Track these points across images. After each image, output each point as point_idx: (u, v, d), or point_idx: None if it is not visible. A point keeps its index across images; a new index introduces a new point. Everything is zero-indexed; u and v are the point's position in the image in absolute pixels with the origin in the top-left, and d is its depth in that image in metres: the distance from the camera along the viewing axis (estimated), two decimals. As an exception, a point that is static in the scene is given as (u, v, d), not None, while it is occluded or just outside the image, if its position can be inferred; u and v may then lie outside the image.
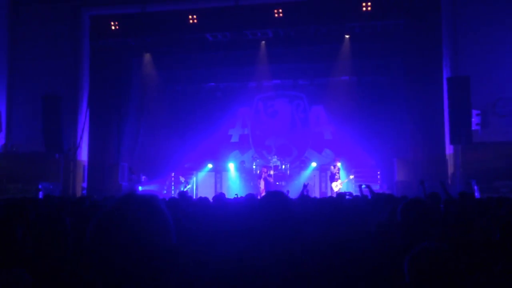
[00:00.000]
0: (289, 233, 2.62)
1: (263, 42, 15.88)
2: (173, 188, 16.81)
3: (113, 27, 15.20)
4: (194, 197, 13.84)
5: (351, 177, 15.42)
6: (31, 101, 14.68)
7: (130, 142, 16.88)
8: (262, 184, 15.29)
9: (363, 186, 7.97)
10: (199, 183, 17.30)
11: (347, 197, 6.97)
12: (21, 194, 11.62)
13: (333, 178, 14.97)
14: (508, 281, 2.58)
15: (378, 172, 15.83)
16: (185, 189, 15.33)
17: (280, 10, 14.39)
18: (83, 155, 15.36)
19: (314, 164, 16.79)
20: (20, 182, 12.52)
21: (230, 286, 2.43)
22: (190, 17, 14.73)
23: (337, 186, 14.73)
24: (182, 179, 16.33)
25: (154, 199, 1.42)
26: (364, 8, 13.96)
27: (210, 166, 17.36)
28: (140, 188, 15.99)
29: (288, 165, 16.85)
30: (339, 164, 15.26)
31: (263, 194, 13.76)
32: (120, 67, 16.41)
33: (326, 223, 3.86)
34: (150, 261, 1.32)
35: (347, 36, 15.28)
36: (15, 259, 2.66)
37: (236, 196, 9.94)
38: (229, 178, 17.09)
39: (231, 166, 17.28)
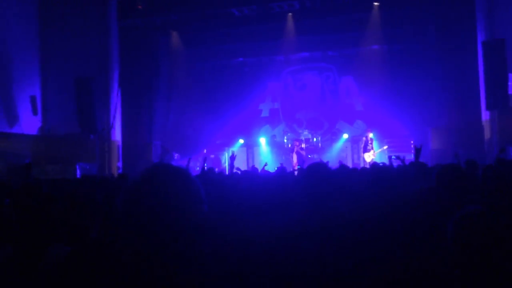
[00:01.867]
0: (333, 203, 2.62)
1: (290, 14, 15.64)
2: (205, 165, 16.97)
3: (139, 7, 15.26)
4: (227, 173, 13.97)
5: (385, 147, 15.22)
6: (64, 83, 14.93)
7: (162, 120, 17.09)
8: (294, 158, 15.27)
9: (393, 157, 7.88)
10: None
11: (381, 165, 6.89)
12: (60, 175, 11.96)
13: (365, 149, 14.82)
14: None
15: (412, 142, 15.58)
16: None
17: (306, -19, 14.12)
18: (117, 135, 15.64)
19: (345, 136, 16.66)
20: (59, 164, 12.85)
21: (267, 256, 2.46)
22: (215, -8, 14.64)
23: (369, 157, 14.59)
24: (212, 156, 16.47)
25: (183, 168, 1.42)
26: (393, -26, 13.56)
27: (241, 141, 17.44)
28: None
29: (319, 138, 16.77)
30: (371, 135, 15.07)
31: (296, 167, 13.77)
32: (148, 46, 16.50)
33: (363, 193, 3.85)
34: (182, 229, 1.31)
35: (376, 4, 14.88)
36: (58, 234, 2.75)
37: (265, 164, 9.91)
38: (261, 153, 17.14)
39: (262, 140, 17.31)
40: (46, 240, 2.57)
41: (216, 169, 13.77)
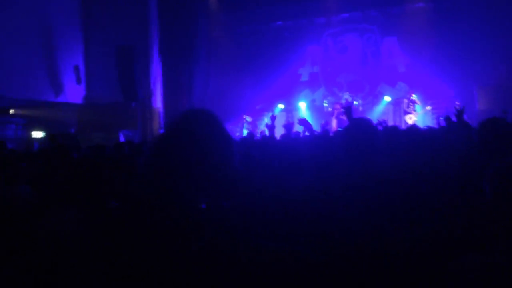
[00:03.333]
0: (374, 162, 2.57)
1: (329, -27, 15.21)
2: (245, 129, 17.05)
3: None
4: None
5: (428, 108, 14.79)
6: (106, 52, 15.17)
7: (202, 86, 17.16)
8: (334, 122, 15.09)
9: (441, 118, 7.69)
10: (271, 124, 17.40)
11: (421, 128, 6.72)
12: (104, 142, 12.30)
13: (407, 111, 14.46)
14: None
15: (457, 103, 15.05)
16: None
17: None
18: (158, 102, 15.87)
19: (387, 99, 16.26)
20: (102, 131, 13.21)
21: (305, 213, 2.45)
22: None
23: (411, 119, 14.24)
24: (248, 118, 16.46)
25: (216, 116, 1.34)
26: None
27: (281, 106, 17.35)
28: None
29: (360, 101, 16.45)
30: (414, 97, 14.66)
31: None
32: (187, 11, 16.43)
33: (404, 152, 3.77)
34: (211, 181, 1.24)
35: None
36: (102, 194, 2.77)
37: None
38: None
39: (302, 105, 17.17)
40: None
41: (258, 133, 13.81)
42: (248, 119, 16.57)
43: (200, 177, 1.24)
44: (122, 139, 13.19)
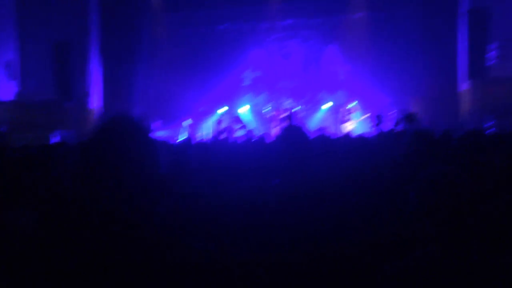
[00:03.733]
0: (306, 168, 2.59)
1: (275, -21, 15.38)
2: (184, 133, 16.88)
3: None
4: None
5: (366, 116, 15.26)
6: (42, 49, 14.57)
7: (143, 88, 16.81)
8: (276, 127, 15.25)
9: (376, 125, 7.94)
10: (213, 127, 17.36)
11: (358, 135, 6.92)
12: (36, 142, 11.78)
13: (346, 119, 14.86)
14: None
15: (394, 111, 15.62)
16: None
17: None
18: (96, 102, 15.39)
19: (328, 105, 16.64)
20: (36, 130, 12.66)
21: (233, 221, 2.43)
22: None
23: (349, 126, 14.64)
24: (189, 121, 16.29)
25: (139, 123, 1.37)
26: None
27: (224, 109, 17.33)
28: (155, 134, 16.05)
29: (302, 107, 16.73)
30: (353, 104, 15.08)
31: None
32: (128, 10, 16.04)
33: (338, 160, 3.84)
34: (137, 187, 1.28)
35: (361, -29, 14.72)
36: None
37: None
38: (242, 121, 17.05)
39: (245, 109, 17.23)
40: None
41: (197, 137, 13.72)
42: (188, 122, 16.36)
43: (122, 183, 1.27)
44: (56, 139, 12.69)
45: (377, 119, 4.88)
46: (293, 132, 2.70)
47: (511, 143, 5.38)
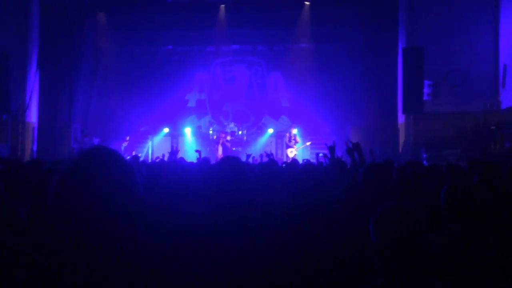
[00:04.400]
0: (244, 198, 2.63)
1: (223, 5, 15.61)
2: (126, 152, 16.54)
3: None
4: (149, 161, 13.71)
5: (308, 143, 15.64)
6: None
7: (83, 104, 16.31)
8: (220, 150, 15.30)
9: (320, 154, 8.10)
10: (155, 148, 17.14)
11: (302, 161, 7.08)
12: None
13: (289, 145, 15.16)
14: (455, 242, 2.71)
15: (334, 140, 16.09)
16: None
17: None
18: (33, 116, 14.78)
19: (270, 131, 16.93)
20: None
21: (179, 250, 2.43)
22: (147, -24, 14.23)
23: (292, 152, 14.93)
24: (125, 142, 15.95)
25: (118, 153, 1.36)
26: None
27: (166, 130, 17.20)
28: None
29: (245, 131, 16.92)
30: (295, 131, 15.44)
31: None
32: (72, 26, 15.57)
33: (283, 188, 3.90)
34: (119, 217, 1.26)
35: (307, 3, 15.25)
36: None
37: (197, 152, 10.08)
38: (186, 143, 16.98)
39: (188, 131, 17.16)
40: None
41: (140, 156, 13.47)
42: (125, 143, 15.94)
43: (105, 211, 1.25)
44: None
45: (330, 150, 5.01)
46: (230, 162, 2.75)
47: (444, 174, 5.74)
